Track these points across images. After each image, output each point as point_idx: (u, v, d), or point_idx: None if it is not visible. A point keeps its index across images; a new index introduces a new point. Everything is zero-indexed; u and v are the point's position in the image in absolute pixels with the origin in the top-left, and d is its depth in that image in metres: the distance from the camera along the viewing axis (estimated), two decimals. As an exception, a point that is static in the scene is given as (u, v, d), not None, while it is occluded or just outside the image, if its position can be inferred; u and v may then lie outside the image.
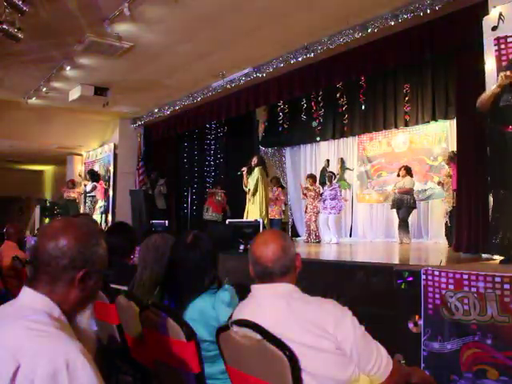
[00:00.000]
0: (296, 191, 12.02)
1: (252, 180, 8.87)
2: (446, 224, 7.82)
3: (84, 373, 1.17)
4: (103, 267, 1.43)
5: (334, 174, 9.94)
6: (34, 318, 1.25)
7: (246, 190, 9.11)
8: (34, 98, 9.84)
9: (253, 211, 8.73)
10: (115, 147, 12.02)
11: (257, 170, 8.93)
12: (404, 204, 8.35)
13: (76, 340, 1.23)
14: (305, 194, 9.67)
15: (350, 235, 11.01)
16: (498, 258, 4.43)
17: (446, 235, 7.87)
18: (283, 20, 6.35)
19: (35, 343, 1.17)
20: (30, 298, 1.32)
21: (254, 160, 9.20)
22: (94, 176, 12.14)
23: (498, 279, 3.08)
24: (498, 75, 4.56)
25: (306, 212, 9.79)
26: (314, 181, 9.74)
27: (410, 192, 8.43)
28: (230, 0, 5.87)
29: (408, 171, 8.57)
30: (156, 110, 11.00)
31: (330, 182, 9.40)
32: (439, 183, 8.25)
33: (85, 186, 12.15)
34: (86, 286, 1.37)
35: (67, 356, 1.16)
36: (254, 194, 8.82)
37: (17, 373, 1.12)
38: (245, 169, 9.19)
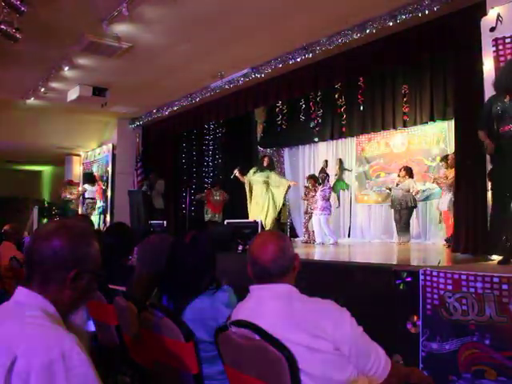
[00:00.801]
0: (295, 192, 12.01)
1: (270, 181, 8.97)
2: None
3: (79, 363, 1.18)
4: (95, 268, 1.45)
5: (328, 175, 9.89)
6: (30, 313, 1.28)
7: (247, 188, 9.15)
8: (32, 99, 9.82)
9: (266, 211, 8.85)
10: (114, 147, 12.01)
11: (271, 171, 9.05)
12: (406, 204, 8.32)
13: (71, 332, 1.25)
14: (306, 195, 9.64)
15: (349, 236, 10.99)
16: (496, 258, 4.44)
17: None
18: (282, 20, 6.36)
19: (30, 336, 1.19)
20: (24, 296, 1.35)
21: (267, 160, 9.27)
22: (86, 179, 12.15)
23: (496, 280, 3.08)
24: (495, 75, 4.58)
25: (305, 213, 9.77)
26: (315, 181, 9.74)
27: (409, 191, 8.40)
28: (229, 0, 5.88)
29: (408, 172, 8.56)
30: (154, 111, 11.00)
31: (323, 182, 9.37)
32: (436, 182, 8.17)
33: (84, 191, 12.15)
34: (78, 285, 1.40)
35: (62, 347, 1.18)
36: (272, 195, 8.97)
37: (13, 365, 1.14)
38: (236, 171, 9.26)
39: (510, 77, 4.24)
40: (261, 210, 8.97)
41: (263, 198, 9.11)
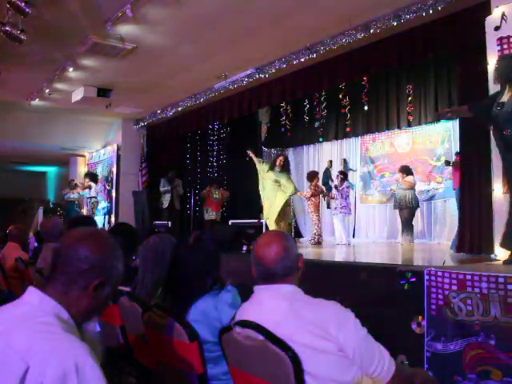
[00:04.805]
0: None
1: (280, 183, 8.88)
2: None
3: (93, 374, 1.17)
4: (117, 283, 1.46)
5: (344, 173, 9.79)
6: (43, 319, 1.26)
7: (261, 185, 9.04)
8: (36, 100, 9.87)
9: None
10: (118, 148, 12.04)
11: (282, 173, 8.97)
12: (407, 204, 8.30)
13: (84, 342, 1.24)
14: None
15: (353, 236, 10.98)
16: (501, 258, 4.42)
17: None
18: (285, 21, 6.36)
19: (44, 345, 1.18)
20: (37, 299, 1.33)
21: (280, 161, 9.08)
22: (91, 177, 12.15)
23: (501, 280, 3.07)
24: (496, 65, 4.58)
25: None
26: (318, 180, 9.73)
27: (412, 187, 8.33)
28: (232, 1, 5.88)
29: (407, 171, 8.50)
30: (159, 111, 11.02)
31: (343, 180, 9.28)
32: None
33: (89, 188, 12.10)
34: (99, 295, 1.40)
35: (76, 358, 1.16)
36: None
37: (26, 375, 1.13)
38: (250, 152, 9.05)
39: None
40: (269, 207, 8.90)
41: (272, 195, 8.98)
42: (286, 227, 8.86)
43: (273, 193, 8.70)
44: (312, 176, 9.68)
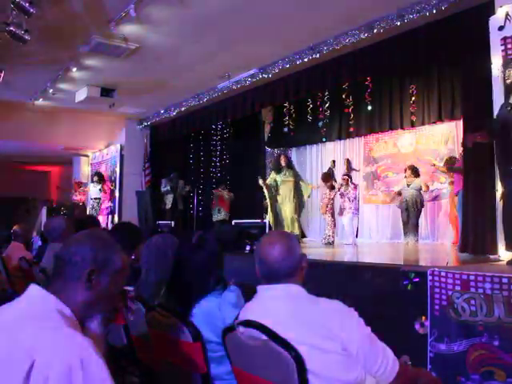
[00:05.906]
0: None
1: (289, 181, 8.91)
2: None
3: (98, 370, 1.18)
4: (117, 274, 1.49)
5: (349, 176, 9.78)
6: (47, 315, 1.28)
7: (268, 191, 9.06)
8: (40, 100, 9.89)
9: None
10: (121, 148, 12.06)
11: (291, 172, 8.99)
12: (416, 204, 8.30)
13: (88, 338, 1.25)
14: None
15: (356, 236, 10.94)
16: (504, 258, 4.41)
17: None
18: (288, 21, 6.36)
19: (49, 340, 1.19)
20: (39, 296, 1.35)
21: (284, 160, 9.12)
22: (94, 178, 12.18)
23: (505, 280, 3.06)
24: (504, 74, 4.57)
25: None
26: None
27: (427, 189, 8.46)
28: (235, 1, 5.88)
29: (415, 171, 8.54)
30: (162, 111, 11.03)
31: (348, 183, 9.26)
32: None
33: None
34: (94, 286, 1.41)
35: (81, 353, 1.17)
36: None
37: (31, 370, 1.14)
38: (260, 180, 9.10)
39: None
40: (286, 209, 8.93)
41: (290, 197, 9.00)
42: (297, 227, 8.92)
43: (289, 194, 8.78)
44: (327, 177, 9.64)
